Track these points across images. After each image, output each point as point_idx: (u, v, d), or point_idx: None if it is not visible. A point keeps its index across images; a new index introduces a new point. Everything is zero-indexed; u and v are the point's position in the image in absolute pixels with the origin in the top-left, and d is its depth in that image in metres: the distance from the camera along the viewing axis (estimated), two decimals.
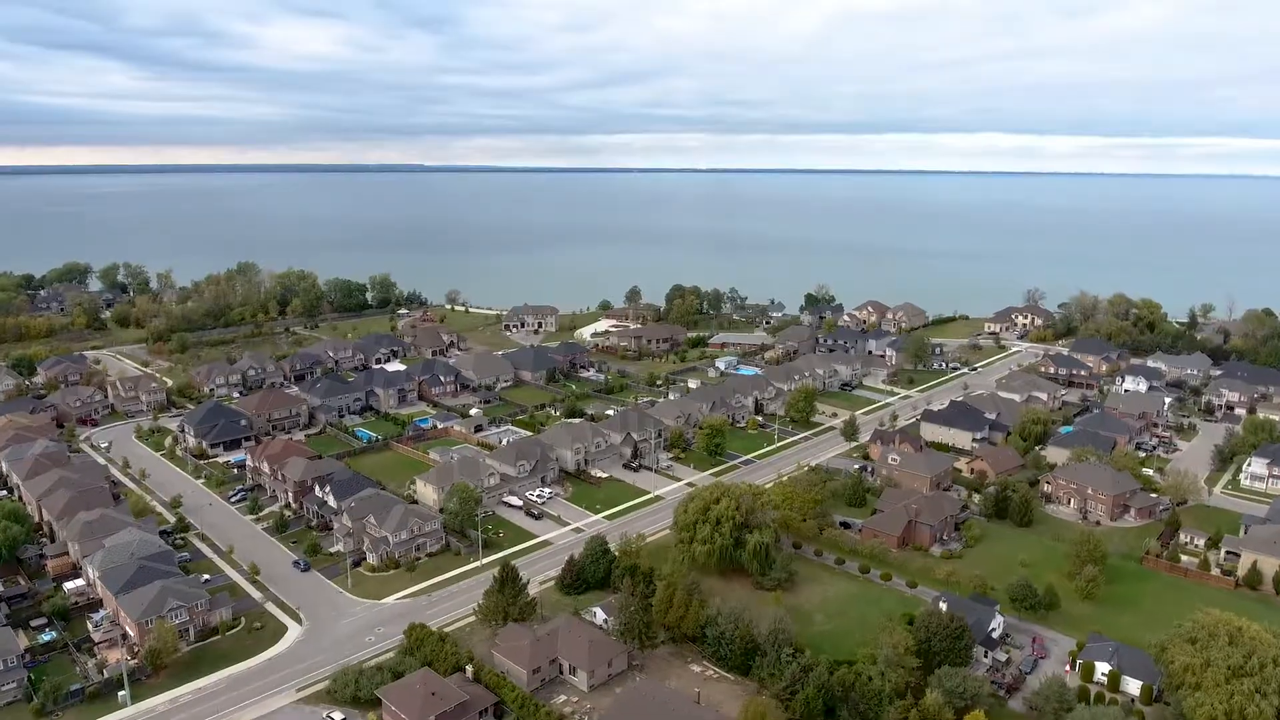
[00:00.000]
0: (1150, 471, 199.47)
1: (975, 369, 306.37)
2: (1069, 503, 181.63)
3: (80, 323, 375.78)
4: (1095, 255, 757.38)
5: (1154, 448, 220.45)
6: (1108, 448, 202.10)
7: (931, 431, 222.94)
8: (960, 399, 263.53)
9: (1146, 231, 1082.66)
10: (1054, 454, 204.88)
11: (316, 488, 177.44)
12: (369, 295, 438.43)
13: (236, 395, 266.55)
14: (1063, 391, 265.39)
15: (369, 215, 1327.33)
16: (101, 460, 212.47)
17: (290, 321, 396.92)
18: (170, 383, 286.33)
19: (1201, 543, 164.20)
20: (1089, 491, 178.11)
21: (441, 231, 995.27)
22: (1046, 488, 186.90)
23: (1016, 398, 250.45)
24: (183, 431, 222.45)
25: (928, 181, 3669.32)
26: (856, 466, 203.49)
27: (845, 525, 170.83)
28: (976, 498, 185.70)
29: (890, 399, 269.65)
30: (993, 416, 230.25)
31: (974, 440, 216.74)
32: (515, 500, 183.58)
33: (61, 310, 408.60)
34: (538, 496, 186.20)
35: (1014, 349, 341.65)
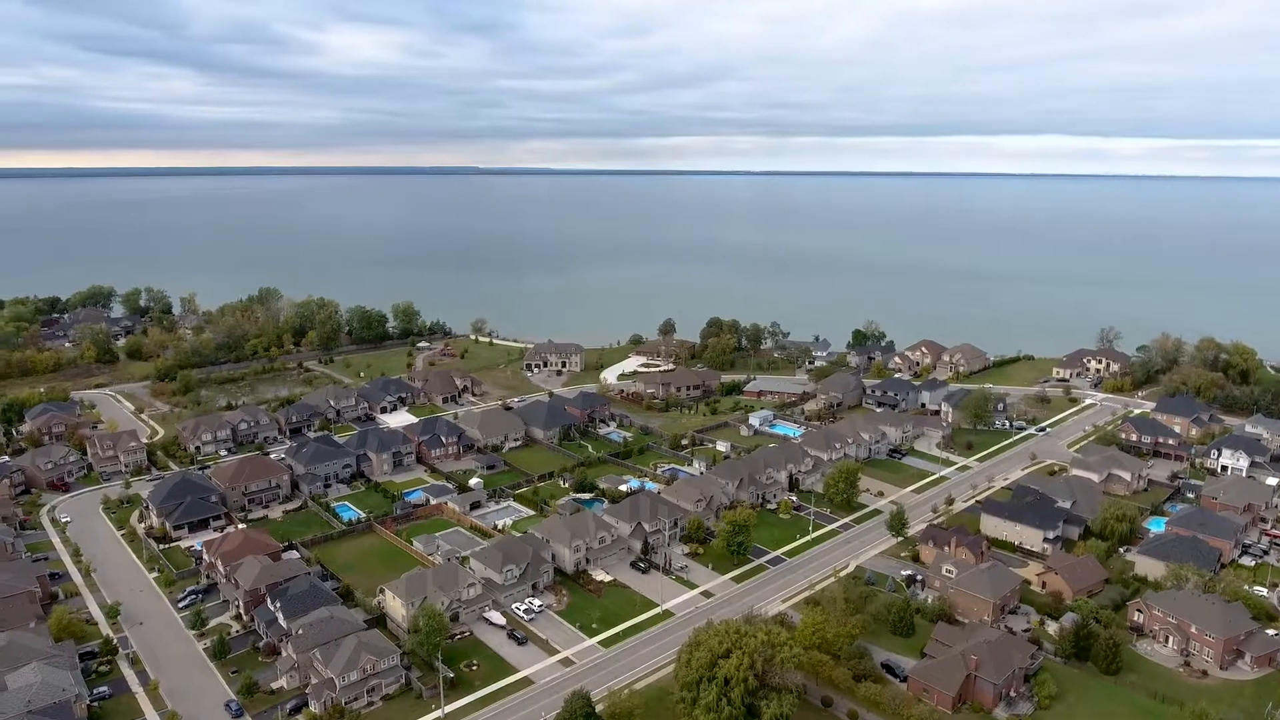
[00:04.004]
0: (1263, 591, 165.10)
1: (1044, 430, 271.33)
2: (1166, 640, 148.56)
3: (90, 356, 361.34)
4: (1171, 277, 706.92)
5: (1264, 553, 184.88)
6: (1211, 561, 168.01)
7: (994, 526, 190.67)
8: (1027, 472, 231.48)
9: (1224, 245, 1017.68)
10: (1145, 565, 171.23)
11: (269, 600, 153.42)
12: (390, 325, 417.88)
13: (224, 453, 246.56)
14: (1148, 466, 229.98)
15: (415, 222, 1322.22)
16: (57, 539, 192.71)
17: (305, 355, 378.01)
18: (161, 432, 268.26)
19: None
20: (1192, 630, 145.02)
21: (482, 243, 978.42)
22: (1138, 616, 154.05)
23: (1094, 477, 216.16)
24: (147, 508, 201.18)
25: (987, 185, 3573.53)
26: (904, 575, 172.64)
27: (889, 670, 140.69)
28: (1050, 626, 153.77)
29: (945, 470, 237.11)
30: (1067, 506, 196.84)
31: (1045, 540, 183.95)
32: (498, 617, 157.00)
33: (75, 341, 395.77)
34: (525, 611, 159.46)
35: (1087, 401, 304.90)
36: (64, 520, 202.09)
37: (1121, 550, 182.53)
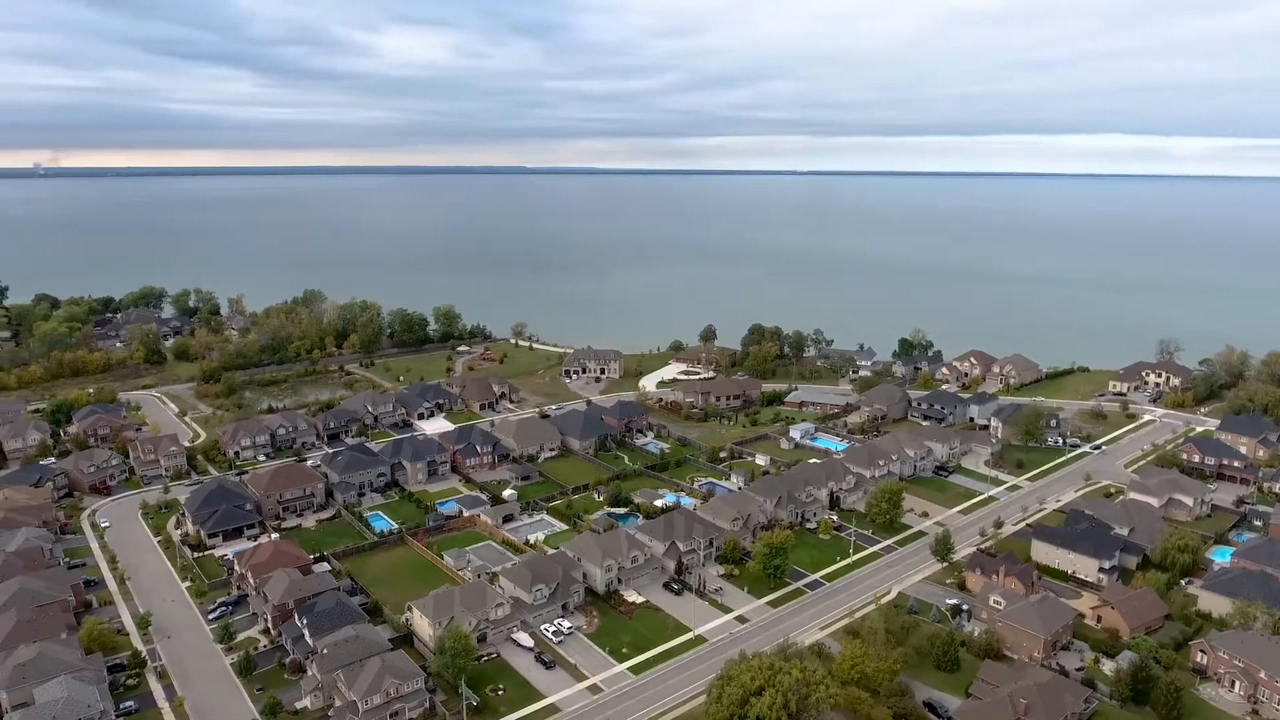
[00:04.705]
0: None
1: (1100, 448, 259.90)
2: (1232, 685, 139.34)
3: (138, 357, 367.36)
4: (1237, 284, 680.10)
5: None
6: None
7: (1045, 553, 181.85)
8: (1081, 493, 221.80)
9: None
10: (1209, 601, 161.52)
11: (296, 615, 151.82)
12: (431, 328, 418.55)
13: (263, 458, 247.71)
14: (1211, 490, 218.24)
15: (460, 222, 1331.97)
16: (95, 544, 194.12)
17: (346, 358, 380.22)
18: (203, 435, 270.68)
19: None
20: (1261, 676, 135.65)
21: (525, 244, 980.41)
22: (1201, 658, 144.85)
23: (1154, 502, 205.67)
24: (183, 515, 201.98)
25: (1041, 185, 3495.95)
26: (950, 604, 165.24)
27: (931, 709, 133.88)
28: (1106, 666, 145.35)
29: (994, 489, 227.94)
30: (1124, 533, 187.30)
31: (1101, 570, 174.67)
32: (526, 639, 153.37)
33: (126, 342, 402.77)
34: (554, 633, 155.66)
35: (1146, 417, 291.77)
36: (103, 525, 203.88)
37: (1183, 583, 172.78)
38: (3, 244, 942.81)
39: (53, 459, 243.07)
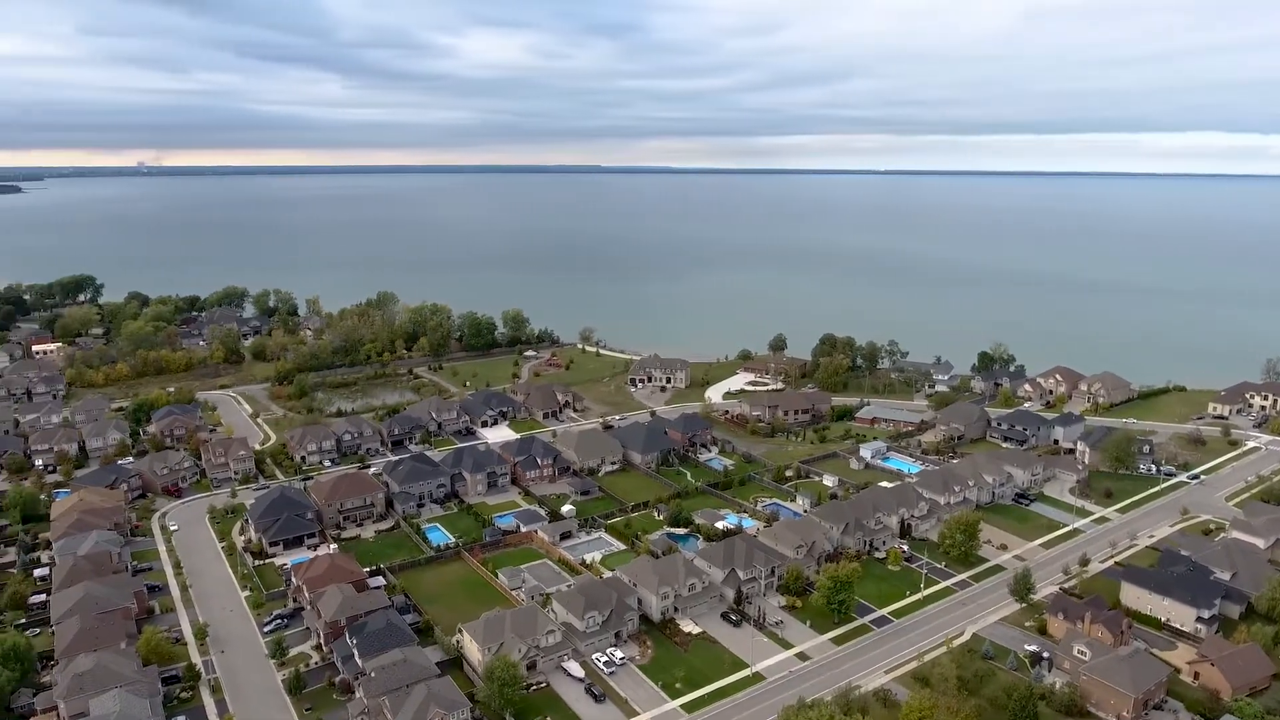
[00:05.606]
0: None
1: (1198, 478, 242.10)
2: None
3: (218, 356, 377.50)
4: None
5: None
6: None
7: (1136, 597, 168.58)
8: (1177, 528, 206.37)
9: None
10: None
11: (347, 634, 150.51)
12: (499, 332, 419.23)
13: (328, 463, 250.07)
14: None
15: (533, 222, 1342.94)
16: (163, 548, 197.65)
17: (415, 361, 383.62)
18: (273, 437, 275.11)
19: None
20: None
21: (597, 245, 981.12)
22: None
23: (1259, 542, 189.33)
24: (246, 522, 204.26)
25: (1131, 186, 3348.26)
26: (1029, 651, 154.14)
27: None
28: None
29: (1079, 521, 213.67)
30: (1225, 578, 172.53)
31: (1199, 620, 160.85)
32: (577, 669, 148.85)
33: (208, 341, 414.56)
34: (606, 663, 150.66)
35: (1250, 444, 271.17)
36: (172, 528, 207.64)
37: None
38: (103, 240, 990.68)
39: (130, 459, 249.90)
